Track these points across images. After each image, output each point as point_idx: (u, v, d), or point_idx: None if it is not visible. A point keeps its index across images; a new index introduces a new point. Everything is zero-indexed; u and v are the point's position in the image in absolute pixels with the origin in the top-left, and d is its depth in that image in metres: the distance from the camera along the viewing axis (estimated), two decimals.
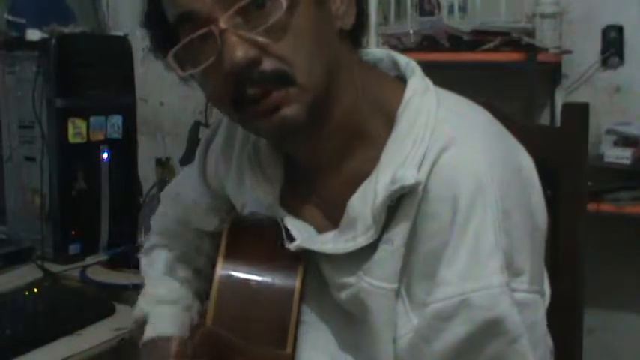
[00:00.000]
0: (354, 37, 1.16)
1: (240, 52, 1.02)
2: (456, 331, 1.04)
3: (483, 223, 1.04)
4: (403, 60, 1.20)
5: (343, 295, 1.15)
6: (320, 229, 1.19)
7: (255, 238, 1.24)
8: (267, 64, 1.04)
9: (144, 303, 1.44)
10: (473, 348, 1.05)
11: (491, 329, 1.03)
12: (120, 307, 1.91)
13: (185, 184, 1.48)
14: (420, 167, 1.07)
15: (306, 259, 1.20)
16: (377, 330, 1.12)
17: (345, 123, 1.13)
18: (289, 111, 1.06)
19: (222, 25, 1.02)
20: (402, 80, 1.17)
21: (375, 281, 1.11)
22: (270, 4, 1.03)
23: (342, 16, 1.13)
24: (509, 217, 1.05)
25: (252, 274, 1.20)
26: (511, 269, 1.04)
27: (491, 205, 1.04)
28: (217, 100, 1.13)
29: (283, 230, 1.19)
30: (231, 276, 1.20)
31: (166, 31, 1.11)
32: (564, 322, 1.35)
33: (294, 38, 1.05)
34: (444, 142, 1.07)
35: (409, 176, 1.06)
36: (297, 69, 1.05)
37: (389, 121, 1.13)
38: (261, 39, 1.03)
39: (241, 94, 1.05)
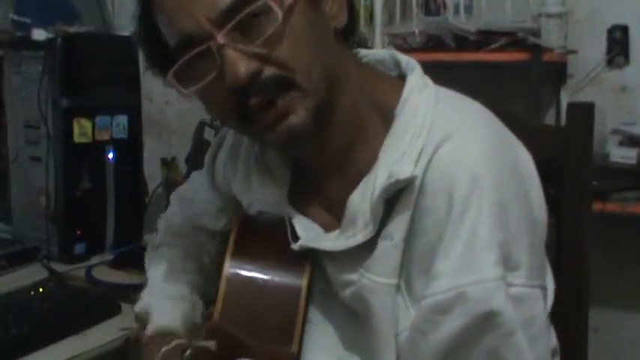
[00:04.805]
0: (347, 35, 1.17)
1: (241, 67, 1.03)
2: (452, 324, 1.05)
3: (479, 217, 1.04)
4: (404, 59, 1.22)
5: (347, 292, 1.16)
6: (327, 228, 1.20)
7: (264, 237, 1.25)
8: (269, 72, 1.05)
9: (147, 296, 1.42)
10: (468, 341, 1.05)
11: (486, 322, 1.04)
12: (126, 307, 1.91)
13: (194, 188, 1.49)
14: (416, 162, 1.08)
15: (313, 258, 1.20)
16: (379, 326, 1.13)
17: (346, 123, 1.14)
18: (295, 119, 1.07)
19: (220, 40, 1.04)
20: (402, 79, 1.18)
21: (375, 277, 1.12)
22: (266, 14, 1.04)
23: (335, 15, 1.14)
24: (505, 210, 1.06)
25: (259, 272, 1.21)
26: (507, 263, 1.05)
27: (487, 198, 1.04)
28: (222, 116, 1.15)
29: (289, 229, 1.20)
30: (239, 273, 1.21)
31: (163, 50, 1.12)
32: (569, 321, 1.36)
33: (292, 44, 1.05)
34: (440, 138, 1.08)
35: (404, 170, 1.07)
36: (299, 73, 1.06)
37: (387, 119, 1.14)
38: (260, 50, 1.04)
39: (245, 105, 1.06)
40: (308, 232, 1.20)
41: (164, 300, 1.40)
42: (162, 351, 1.10)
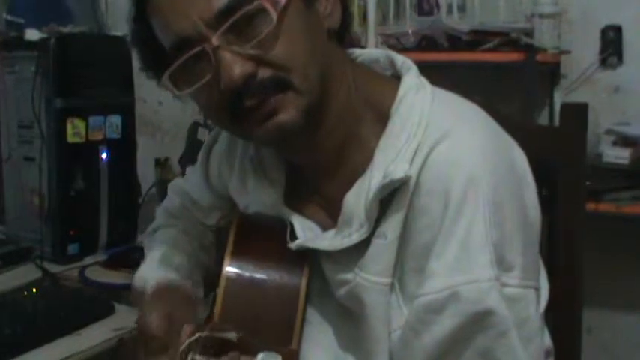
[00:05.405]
0: (340, 36, 1.17)
1: (236, 69, 1.03)
2: (445, 324, 1.05)
3: (474, 217, 1.04)
4: (399, 59, 1.21)
5: (342, 291, 1.17)
6: (324, 228, 1.20)
7: (263, 237, 1.25)
8: (264, 74, 1.05)
9: (144, 268, 1.40)
10: (461, 341, 1.06)
11: (479, 322, 1.04)
12: (119, 307, 1.91)
13: (190, 183, 1.49)
14: (412, 161, 1.08)
15: (311, 258, 1.21)
16: (373, 325, 1.13)
17: (339, 123, 1.14)
18: (285, 117, 1.06)
19: (215, 42, 1.03)
20: (398, 79, 1.18)
21: (370, 276, 1.12)
22: (260, 15, 1.04)
23: (329, 15, 1.14)
24: (501, 210, 1.06)
25: (259, 271, 1.21)
26: (502, 263, 1.05)
27: (483, 198, 1.05)
28: (216, 117, 1.15)
29: (288, 229, 1.20)
30: (239, 273, 1.21)
31: (157, 52, 1.11)
32: (563, 321, 1.36)
33: (287, 44, 1.05)
34: (436, 137, 1.08)
35: (399, 170, 1.07)
36: (294, 73, 1.06)
37: (383, 119, 1.14)
38: (255, 52, 1.04)
39: (239, 106, 1.06)
40: (306, 232, 1.20)
41: (162, 268, 1.38)
42: (185, 342, 1.10)
